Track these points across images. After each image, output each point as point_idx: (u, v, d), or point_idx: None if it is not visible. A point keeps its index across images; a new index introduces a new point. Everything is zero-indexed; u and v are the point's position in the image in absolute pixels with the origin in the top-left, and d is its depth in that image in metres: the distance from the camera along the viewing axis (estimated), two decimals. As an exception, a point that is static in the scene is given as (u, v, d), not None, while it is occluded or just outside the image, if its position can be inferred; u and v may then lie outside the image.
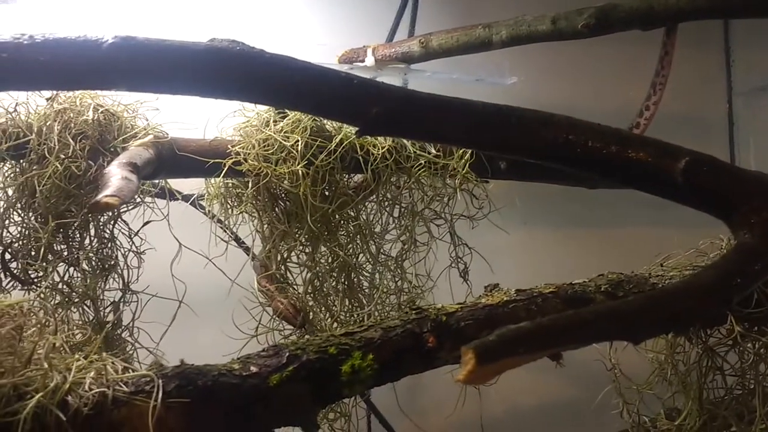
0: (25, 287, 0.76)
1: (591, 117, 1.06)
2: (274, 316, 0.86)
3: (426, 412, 1.20)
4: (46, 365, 0.54)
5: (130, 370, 0.58)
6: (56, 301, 0.78)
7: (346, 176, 0.99)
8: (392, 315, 0.78)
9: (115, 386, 0.56)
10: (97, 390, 0.55)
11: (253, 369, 0.62)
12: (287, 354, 0.63)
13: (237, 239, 1.00)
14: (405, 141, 0.99)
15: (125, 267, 0.83)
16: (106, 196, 0.53)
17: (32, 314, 0.58)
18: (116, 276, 0.82)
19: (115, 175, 0.58)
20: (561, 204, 1.19)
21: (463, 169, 1.00)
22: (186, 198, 0.97)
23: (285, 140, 0.92)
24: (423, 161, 0.98)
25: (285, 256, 0.91)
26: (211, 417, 0.59)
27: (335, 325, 0.91)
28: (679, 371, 0.79)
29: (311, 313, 0.91)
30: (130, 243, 0.85)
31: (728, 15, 1.06)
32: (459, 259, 1.05)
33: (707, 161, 0.54)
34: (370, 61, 1.17)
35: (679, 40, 1.10)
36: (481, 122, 0.59)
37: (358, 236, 0.97)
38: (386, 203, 1.03)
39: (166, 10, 1.13)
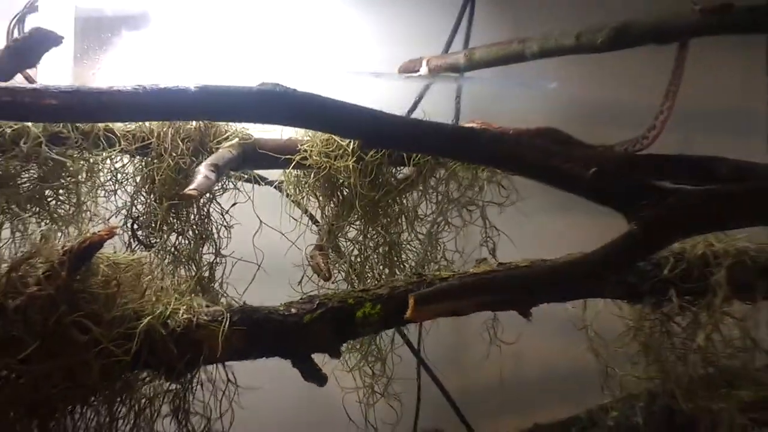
0: (147, 249, 1.08)
1: (624, 116, 1.25)
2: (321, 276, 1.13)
3: (467, 368, 1.46)
4: (154, 299, 0.84)
5: (209, 307, 0.88)
6: (168, 260, 1.10)
7: (393, 169, 1.25)
8: (399, 278, 1.03)
9: (199, 315, 0.86)
10: (186, 317, 0.85)
11: (293, 310, 0.90)
12: (317, 302, 0.91)
13: (311, 216, 1.29)
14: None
15: (218, 237, 1.14)
16: (190, 189, 0.83)
17: (148, 266, 0.88)
18: (211, 243, 1.13)
19: (200, 174, 0.87)
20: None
21: (491, 164, 1.24)
22: (269, 183, 1.27)
23: (342, 140, 1.20)
24: (458, 157, 1.23)
25: (337, 233, 1.19)
26: (262, 341, 0.88)
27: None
28: (643, 333, 1.00)
29: (359, 281, 1.19)
30: (222, 219, 1.15)
31: (737, 31, 1.21)
32: (489, 239, 1.29)
33: (610, 171, 0.75)
34: (424, 70, 1.42)
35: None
36: (447, 139, 0.82)
37: (400, 218, 1.23)
38: (428, 191, 1.29)
39: (239, 28, 1.42)
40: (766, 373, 1.23)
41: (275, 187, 1.26)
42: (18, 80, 1.02)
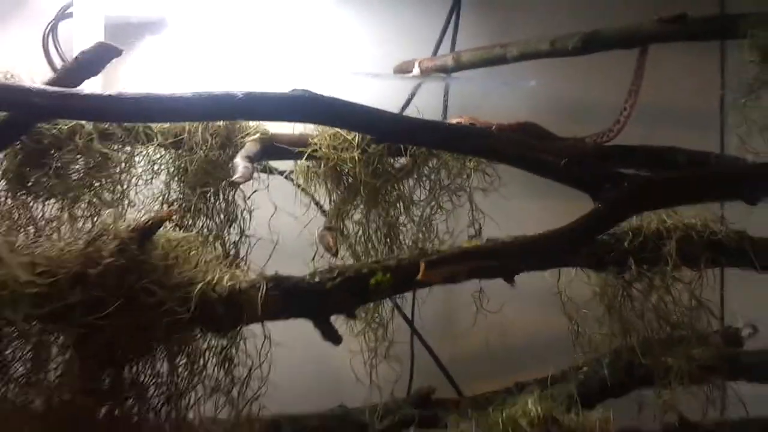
0: (182, 230, 1.25)
1: (594, 111, 1.43)
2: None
3: (456, 335, 1.65)
4: (204, 269, 1.02)
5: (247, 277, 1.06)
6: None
7: (392, 160, 1.44)
8: (405, 252, 1.22)
9: (240, 283, 1.04)
10: (230, 284, 1.03)
11: (317, 279, 1.09)
12: (337, 272, 1.09)
13: (316, 203, 1.47)
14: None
15: (241, 219, 1.32)
16: (237, 177, 1.01)
17: (195, 242, 1.06)
18: (236, 225, 1.31)
19: (240, 165, 1.05)
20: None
21: (478, 155, 1.43)
22: (281, 173, 1.45)
23: (347, 134, 1.38)
24: (449, 149, 1.42)
25: (344, 215, 1.37)
26: (292, 304, 1.06)
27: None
28: (608, 296, 1.20)
29: (362, 257, 1.37)
30: (245, 204, 1.33)
31: (691, 39, 1.42)
32: (475, 220, 1.48)
33: (582, 162, 0.95)
34: (416, 71, 1.61)
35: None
36: (443, 135, 1.01)
37: (398, 203, 1.42)
38: (422, 179, 1.48)
39: (248, 35, 1.60)
40: (716, 336, 1.46)
41: (285, 177, 1.44)
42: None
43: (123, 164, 1.26)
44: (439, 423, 1.25)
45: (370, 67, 1.63)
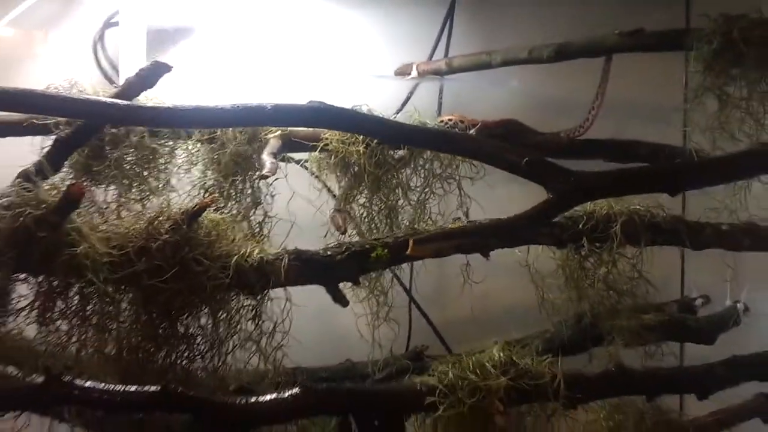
0: (219, 213, 1.53)
1: (567, 109, 1.67)
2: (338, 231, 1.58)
3: (446, 302, 1.93)
4: (239, 244, 1.30)
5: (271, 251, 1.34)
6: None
7: (392, 152, 1.70)
8: (400, 232, 1.49)
9: (267, 256, 1.32)
10: (259, 256, 1.31)
11: (329, 252, 1.36)
12: (345, 247, 1.37)
13: (328, 189, 1.74)
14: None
15: (265, 203, 1.59)
16: (265, 171, 1.28)
17: (231, 222, 1.34)
18: (260, 208, 1.59)
19: (268, 161, 1.33)
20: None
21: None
22: (297, 162, 1.72)
23: (354, 131, 1.64)
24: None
25: (350, 200, 1.64)
26: (308, 272, 1.34)
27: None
28: (568, 269, 1.47)
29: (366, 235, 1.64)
30: (267, 189, 1.60)
31: (647, 50, 1.67)
32: (463, 204, 1.75)
33: (539, 160, 1.21)
34: (414, 73, 1.87)
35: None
36: (434, 138, 1.27)
37: (397, 189, 1.69)
38: (418, 168, 1.74)
39: (265, 42, 1.86)
40: (673, 305, 1.73)
41: (301, 166, 1.71)
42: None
43: (167, 157, 1.54)
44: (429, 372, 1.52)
45: (374, 69, 1.90)
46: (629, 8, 1.91)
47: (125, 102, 1.20)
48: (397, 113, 1.81)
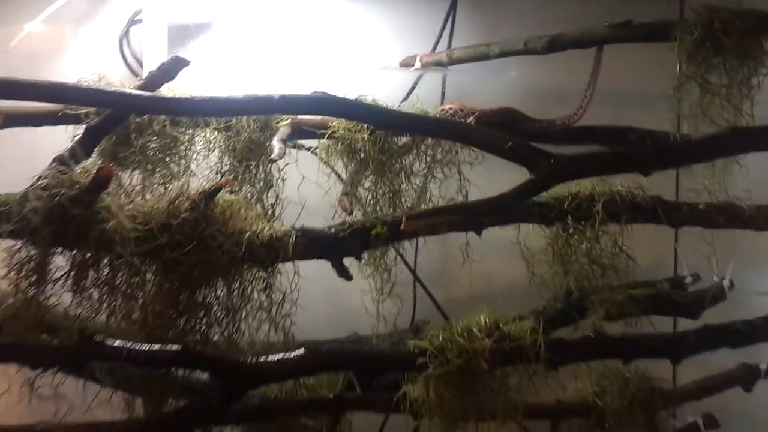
0: (233, 194, 1.68)
1: (563, 98, 1.79)
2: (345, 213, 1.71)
3: (448, 279, 2.06)
4: (251, 222, 1.45)
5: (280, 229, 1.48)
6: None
7: (396, 139, 1.83)
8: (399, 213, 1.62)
9: (276, 233, 1.46)
10: (269, 233, 1.45)
11: (333, 230, 1.50)
12: (347, 225, 1.50)
13: (336, 173, 1.88)
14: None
15: (276, 186, 1.73)
16: (274, 155, 1.43)
17: (244, 202, 1.48)
18: (272, 191, 1.73)
19: (276, 146, 1.47)
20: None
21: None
22: (307, 149, 1.86)
23: (360, 119, 1.78)
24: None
25: (357, 183, 1.78)
26: (314, 248, 1.48)
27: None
28: (556, 245, 1.59)
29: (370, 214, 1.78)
30: (279, 174, 1.75)
31: (635, 41, 1.77)
32: (462, 187, 1.87)
33: (522, 145, 1.34)
34: (418, 65, 2.00)
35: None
36: (430, 126, 1.41)
37: (400, 173, 1.82)
38: (420, 154, 1.87)
39: (277, 35, 2.00)
40: (664, 283, 1.84)
41: (311, 152, 1.85)
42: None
43: (187, 144, 1.69)
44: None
45: (380, 60, 2.04)
46: (624, 0, 2.02)
47: (148, 93, 1.35)
48: (403, 102, 1.96)
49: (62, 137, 1.55)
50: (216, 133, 1.69)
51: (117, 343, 1.26)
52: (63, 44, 1.99)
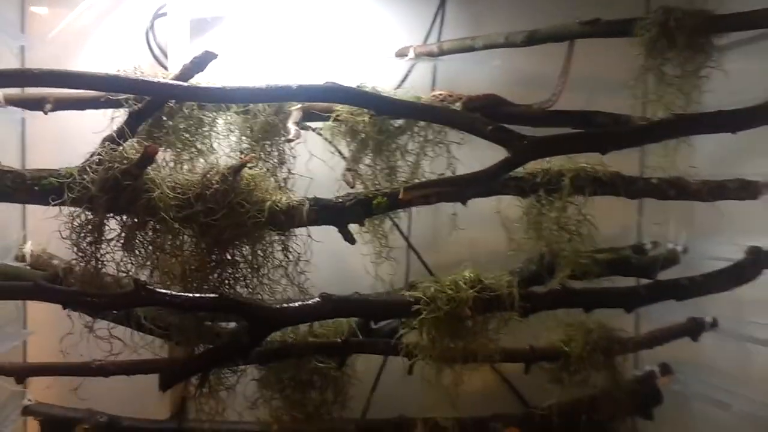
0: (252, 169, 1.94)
1: (541, 85, 2.08)
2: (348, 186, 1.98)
3: (438, 246, 2.35)
4: (271, 192, 1.72)
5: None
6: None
7: (392, 121, 2.10)
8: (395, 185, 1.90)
9: (293, 201, 1.74)
10: (287, 202, 1.72)
11: (340, 200, 1.78)
12: (352, 196, 1.78)
13: (339, 152, 2.15)
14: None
15: (288, 162, 2.01)
16: (291, 136, 1.70)
17: (265, 175, 1.76)
18: (285, 167, 2.00)
19: (293, 128, 1.74)
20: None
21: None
22: (314, 130, 2.13)
23: (361, 104, 2.04)
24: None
25: (358, 161, 2.05)
26: (324, 214, 1.75)
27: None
28: (531, 215, 1.88)
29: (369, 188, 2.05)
30: (290, 152, 2.01)
31: (603, 36, 2.05)
32: (451, 164, 2.15)
33: (501, 128, 1.62)
34: (411, 54, 2.27)
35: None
36: (420, 111, 1.69)
37: (396, 152, 2.09)
38: (413, 134, 2.14)
39: (285, 28, 2.26)
40: (627, 249, 2.13)
41: (317, 133, 2.12)
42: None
43: (209, 125, 1.96)
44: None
45: (377, 50, 2.31)
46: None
47: (185, 83, 1.62)
48: (397, 88, 2.24)
49: (102, 120, 1.82)
50: (235, 116, 1.96)
51: (164, 291, 1.54)
52: (93, 34, 2.24)
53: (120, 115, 1.85)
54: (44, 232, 1.72)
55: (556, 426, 1.91)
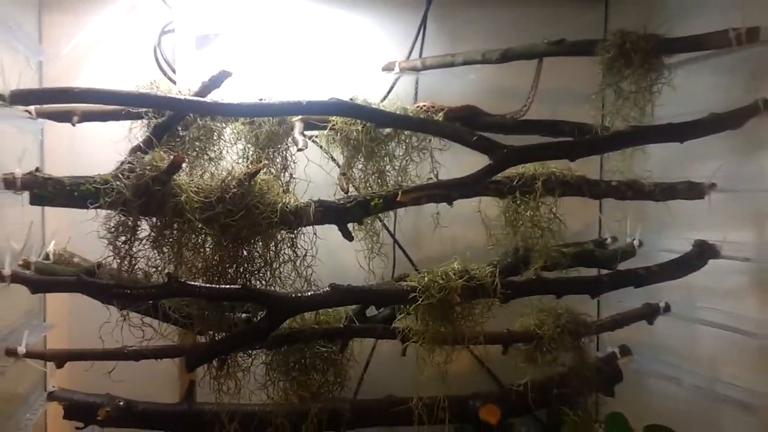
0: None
1: (513, 97, 2.36)
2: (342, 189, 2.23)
3: (421, 242, 2.61)
4: (281, 195, 1.96)
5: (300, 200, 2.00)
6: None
7: (382, 130, 2.35)
8: (390, 188, 2.15)
9: (300, 204, 1.97)
10: (295, 203, 1.96)
11: (342, 202, 2.02)
12: (352, 198, 2.02)
13: (332, 158, 2.39)
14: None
15: (290, 168, 2.24)
16: (300, 146, 1.94)
17: (276, 179, 1.99)
18: (287, 171, 2.23)
19: (300, 139, 1.98)
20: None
21: (436, 127, 2.36)
22: (310, 137, 2.37)
23: (354, 115, 2.29)
24: (417, 123, 2.34)
25: (351, 166, 2.29)
26: (328, 215, 1.98)
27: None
28: (508, 213, 2.15)
29: (362, 191, 2.30)
30: (291, 158, 2.25)
31: (569, 54, 2.32)
32: (434, 169, 2.41)
33: (484, 138, 1.88)
34: (397, 69, 2.52)
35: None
36: (412, 123, 1.94)
37: (385, 157, 2.34)
38: (401, 141, 2.39)
39: (279, 43, 2.50)
40: (590, 243, 2.42)
41: (313, 141, 2.36)
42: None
43: (219, 134, 2.19)
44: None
45: (367, 64, 2.56)
46: (559, 21, 2.59)
47: (200, 99, 1.84)
48: (383, 100, 2.49)
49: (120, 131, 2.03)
50: (242, 125, 2.19)
51: (195, 283, 1.76)
52: (102, 50, 2.44)
53: (137, 126, 2.07)
54: (63, 233, 1.95)
55: (530, 401, 2.18)
